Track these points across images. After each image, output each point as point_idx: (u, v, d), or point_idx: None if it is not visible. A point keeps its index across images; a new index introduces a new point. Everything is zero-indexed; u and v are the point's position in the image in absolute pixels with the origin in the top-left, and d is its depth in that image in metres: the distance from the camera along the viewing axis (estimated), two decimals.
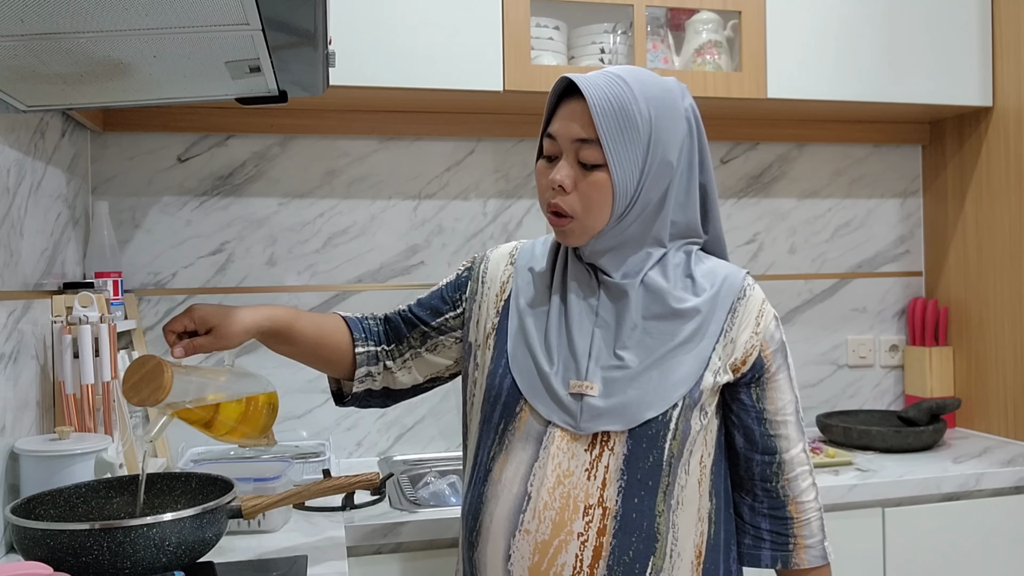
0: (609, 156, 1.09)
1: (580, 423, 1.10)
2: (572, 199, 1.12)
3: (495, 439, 1.16)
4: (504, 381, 1.17)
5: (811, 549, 1.16)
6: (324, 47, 1.12)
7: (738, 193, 2.29)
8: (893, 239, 2.40)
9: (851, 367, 2.37)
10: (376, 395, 1.32)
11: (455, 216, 2.10)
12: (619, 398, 1.10)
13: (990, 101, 2.12)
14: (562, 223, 1.14)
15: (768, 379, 1.16)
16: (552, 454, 1.10)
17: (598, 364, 1.12)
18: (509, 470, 1.13)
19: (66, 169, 1.72)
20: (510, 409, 1.16)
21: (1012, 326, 2.10)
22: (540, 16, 1.88)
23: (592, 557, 1.07)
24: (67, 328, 1.49)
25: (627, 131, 1.09)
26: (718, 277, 1.16)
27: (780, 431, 1.16)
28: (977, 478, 1.81)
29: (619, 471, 1.08)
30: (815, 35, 1.99)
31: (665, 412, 1.09)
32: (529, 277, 1.23)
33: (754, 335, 1.15)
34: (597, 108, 1.08)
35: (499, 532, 1.11)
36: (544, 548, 1.08)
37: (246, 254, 2.00)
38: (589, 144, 1.10)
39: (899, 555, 1.77)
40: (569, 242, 1.16)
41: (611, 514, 1.08)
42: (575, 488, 1.09)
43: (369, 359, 1.29)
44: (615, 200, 1.11)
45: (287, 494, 1.27)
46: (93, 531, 1.05)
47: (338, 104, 1.96)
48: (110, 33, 0.94)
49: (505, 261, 1.28)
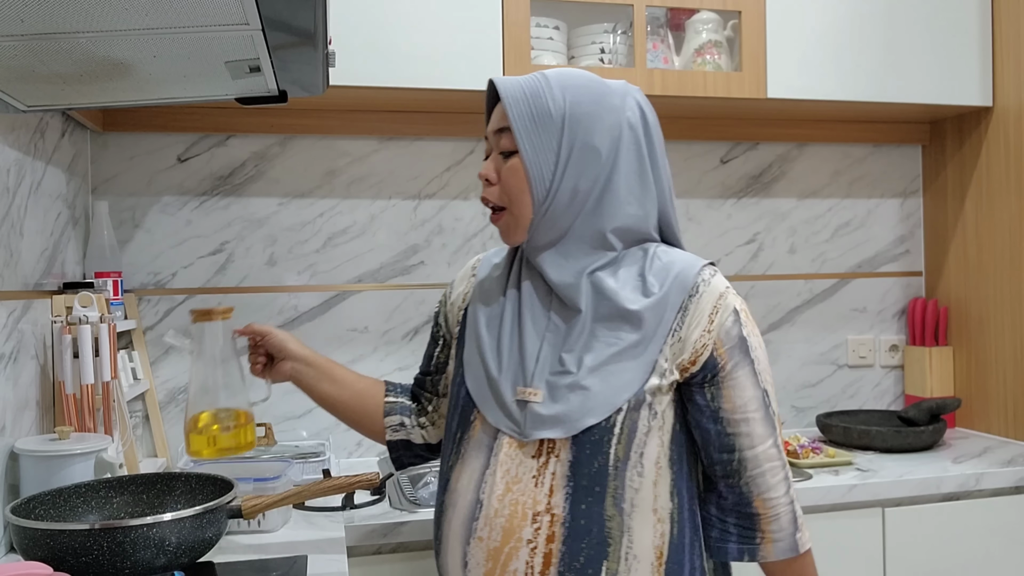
0: (520, 140, 1.12)
1: (524, 430, 1.11)
2: (496, 190, 1.16)
3: (453, 448, 1.18)
4: (460, 390, 1.19)
5: (779, 543, 1.13)
6: (324, 47, 1.12)
7: (738, 193, 2.29)
8: (893, 239, 2.40)
9: (851, 367, 2.37)
10: (417, 449, 1.36)
11: (455, 216, 2.10)
12: (562, 405, 1.09)
13: (990, 101, 2.12)
14: (496, 218, 1.18)
15: (724, 377, 1.11)
16: (501, 461, 1.11)
17: (543, 370, 1.12)
18: (464, 478, 1.15)
19: (66, 169, 1.72)
20: (465, 418, 1.17)
21: (1012, 326, 2.10)
22: (540, 16, 1.88)
23: (543, 564, 1.07)
24: (67, 328, 1.49)
25: (538, 117, 1.12)
26: (670, 275, 1.12)
27: (741, 429, 1.12)
28: (977, 478, 1.81)
29: (565, 477, 1.09)
30: (815, 35, 1.99)
31: (608, 418, 1.08)
32: (486, 286, 1.24)
33: (706, 333, 1.11)
34: (508, 98, 1.13)
35: (456, 539, 1.13)
36: (496, 555, 1.09)
37: (246, 254, 2.00)
38: (505, 132, 1.14)
39: (899, 555, 1.77)
40: (508, 240, 1.18)
41: (559, 521, 1.08)
42: (523, 495, 1.09)
43: (401, 409, 1.35)
44: (531, 184, 1.12)
45: (287, 494, 1.27)
46: (93, 531, 1.05)
47: (338, 104, 1.96)
48: (110, 33, 0.94)
49: (467, 274, 1.31)
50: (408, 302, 2.07)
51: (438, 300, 1.37)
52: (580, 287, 1.12)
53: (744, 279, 2.29)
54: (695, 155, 2.26)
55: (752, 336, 1.13)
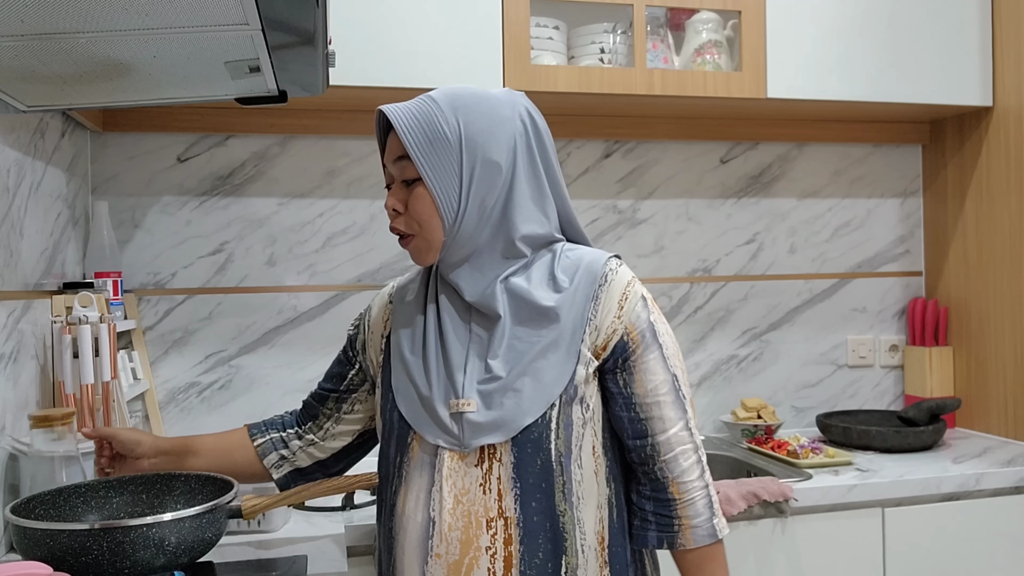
0: (421, 168, 1.12)
1: (463, 441, 1.12)
2: (404, 219, 1.16)
3: (394, 473, 1.18)
4: (393, 415, 1.19)
5: (697, 529, 1.14)
6: (324, 47, 1.12)
7: (738, 193, 2.29)
8: (893, 239, 2.40)
9: (851, 367, 2.37)
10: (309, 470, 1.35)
11: None
12: (497, 411, 1.11)
13: (990, 101, 2.12)
14: (406, 243, 1.18)
15: (635, 361, 1.15)
16: (446, 476, 1.12)
17: (473, 380, 1.13)
18: (411, 500, 1.15)
19: (66, 169, 1.72)
20: (402, 441, 1.18)
21: (1012, 326, 2.10)
22: (540, 16, 1.88)
23: (504, 568, 1.09)
24: (67, 328, 1.49)
25: (436, 142, 1.12)
26: (579, 269, 1.16)
27: (652, 413, 1.15)
28: (977, 478, 1.81)
29: (511, 480, 1.10)
30: (815, 35, 1.99)
31: (544, 414, 1.11)
32: (404, 309, 1.25)
33: (616, 319, 1.14)
34: (403, 126, 1.12)
35: (412, 562, 1.13)
36: (456, 568, 1.10)
37: (246, 254, 2.00)
38: (404, 160, 1.14)
39: (899, 555, 1.77)
40: (421, 262, 1.19)
41: (513, 522, 1.10)
42: (474, 504, 1.10)
43: (275, 444, 1.34)
44: (440, 208, 1.13)
45: (287, 494, 1.27)
46: (93, 531, 1.05)
47: (338, 104, 1.96)
48: (110, 33, 0.94)
49: (384, 301, 1.31)
50: None
51: (353, 323, 1.35)
52: (496, 294, 1.15)
53: (744, 279, 2.29)
54: (695, 155, 2.26)
55: (659, 323, 1.17)
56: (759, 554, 1.69)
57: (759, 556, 1.69)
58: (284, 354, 2.01)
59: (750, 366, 2.29)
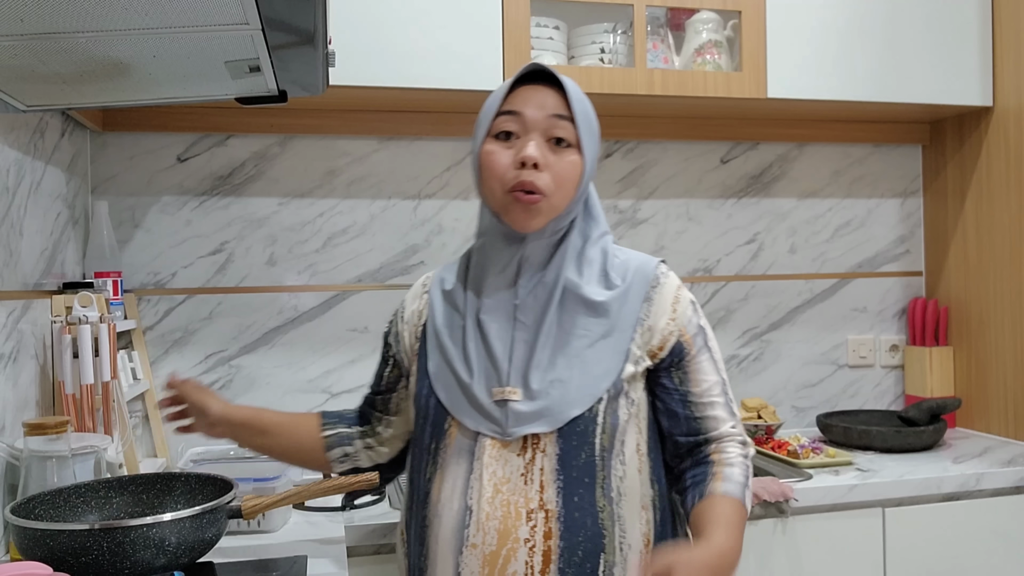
0: (583, 136, 1.14)
1: (507, 429, 1.10)
2: (545, 176, 1.12)
3: (429, 460, 1.16)
4: (429, 401, 1.18)
5: (728, 482, 1.12)
6: (324, 47, 1.12)
7: (738, 193, 2.29)
8: (893, 239, 2.40)
9: (851, 367, 2.37)
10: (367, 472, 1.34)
11: (455, 216, 2.10)
12: (543, 400, 1.10)
13: (990, 101, 2.12)
14: (534, 200, 1.11)
15: (689, 361, 1.16)
16: (486, 464, 1.10)
17: (518, 368, 1.13)
18: (447, 488, 1.12)
19: (66, 169, 1.72)
20: (439, 427, 1.16)
21: (1012, 326, 2.10)
22: (540, 16, 1.88)
23: (542, 562, 1.06)
24: (67, 328, 1.49)
25: (591, 119, 1.17)
26: (630, 269, 1.18)
27: (706, 412, 1.16)
28: (977, 478, 1.81)
29: (554, 472, 1.09)
30: (815, 35, 1.99)
31: (591, 408, 1.10)
32: (442, 297, 1.24)
33: (671, 321, 1.16)
34: (573, 93, 1.14)
35: (446, 551, 1.10)
36: (493, 560, 1.07)
37: (246, 254, 2.00)
38: (565, 121, 1.13)
39: (899, 555, 1.77)
40: (529, 226, 1.14)
41: (554, 516, 1.08)
42: (514, 494, 1.08)
43: (341, 440, 1.33)
44: (583, 182, 1.15)
45: (287, 494, 1.27)
46: (93, 531, 1.05)
47: (338, 104, 1.96)
48: (110, 33, 0.94)
49: (419, 293, 1.30)
50: None
51: (388, 320, 1.34)
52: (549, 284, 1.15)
53: (744, 279, 2.29)
54: (695, 155, 2.26)
55: (708, 328, 1.20)
56: (759, 554, 1.69)
57: (759, 556, 1.70)
58: (284, 354, 2.01)
59: (750, 366, 2.29)
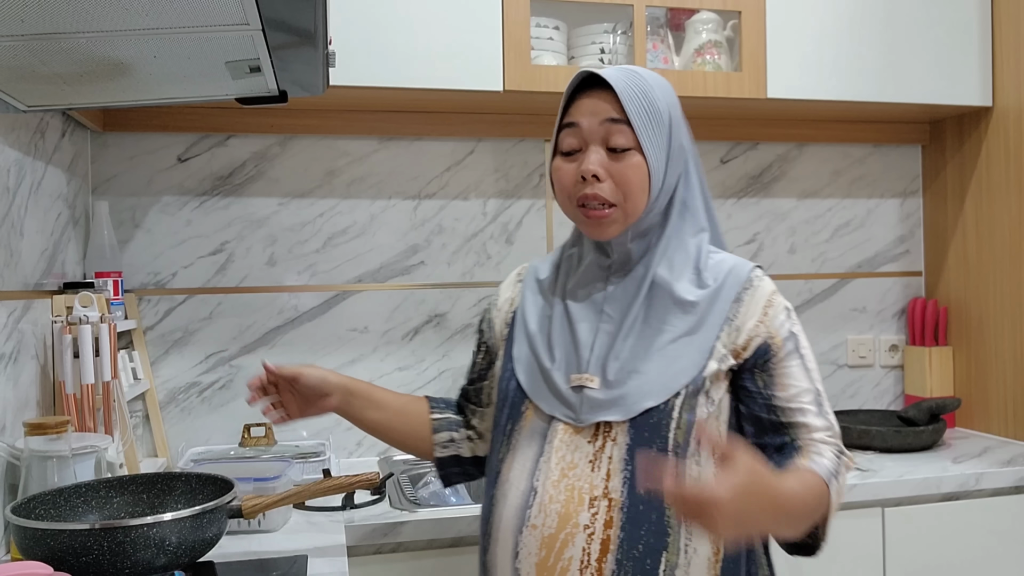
0: (641, 137, 1.10)
1: (580, 415, 1.10)
2: (608, 187, 1.11)
3: (503, 441, 1.17)
4: (510, 384, 1.19)
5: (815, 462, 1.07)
6: (324, 47, 1.12)
7: (738, 193, 2.29)
8: (893, 239, 2.40)
9: (851, 367, 2.37)
10: (467, 463, 1.34)
11: (455, 216, 2.10)
12: (619, 389, 1.09)
13: (990, 101, 2.12)
14: (605, 214, 1.12)
15: (775, 364, 1.12)
16: (556, 447, 1.10)
17: (599, 357, 1.12)
18: (516, 468, 1.13)
19: (66, 169, 1.72)
20: (516, 410, 1.17)
21: (1012, 326, 2.10)
22: (540, 16, 1.88)
23: (600, 551, 1.05)
24: (67, 328, 1.49)
25: (652, 114, 1.12)
26: (723, 270, 1.15)
27: (796, 419, 1.11)
28: (977, 478, 1.81)
29: (623, 461, 1.07)
30: (815, 35, 1.99)
31: (667, 401, 1.08)
32: (535, 286, 1.25)
33: (760, 323, 1.12)
34: (624, 93, 1.10)
35: (507, 530, 1.11)
36: (551, 542, 1.06)
37: (246, 254, 2.00)
38: (619, 125, 1.11)
39: (899, 555, 1.77)
40: (605, 234, 1.14)
41: (617, 505, 1.05)
42: (579, 480, 1.08)
43: (448, 425, 1.34)
44: (651, 182, 1.12)
45: (287, 494, 1.27)
46: (93, 531, 1.05)
47: (338, 104, 1.96)
48: (110, 33, 0.94)
49: (513, 281, 1.32)
50: (408, 302, 2.07)
51: (483, 309, 1.36)
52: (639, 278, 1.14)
53: None
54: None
55: (802, 335, 1.15)
56: None
57: None
58: (284, 354, 2.01)
59: None
